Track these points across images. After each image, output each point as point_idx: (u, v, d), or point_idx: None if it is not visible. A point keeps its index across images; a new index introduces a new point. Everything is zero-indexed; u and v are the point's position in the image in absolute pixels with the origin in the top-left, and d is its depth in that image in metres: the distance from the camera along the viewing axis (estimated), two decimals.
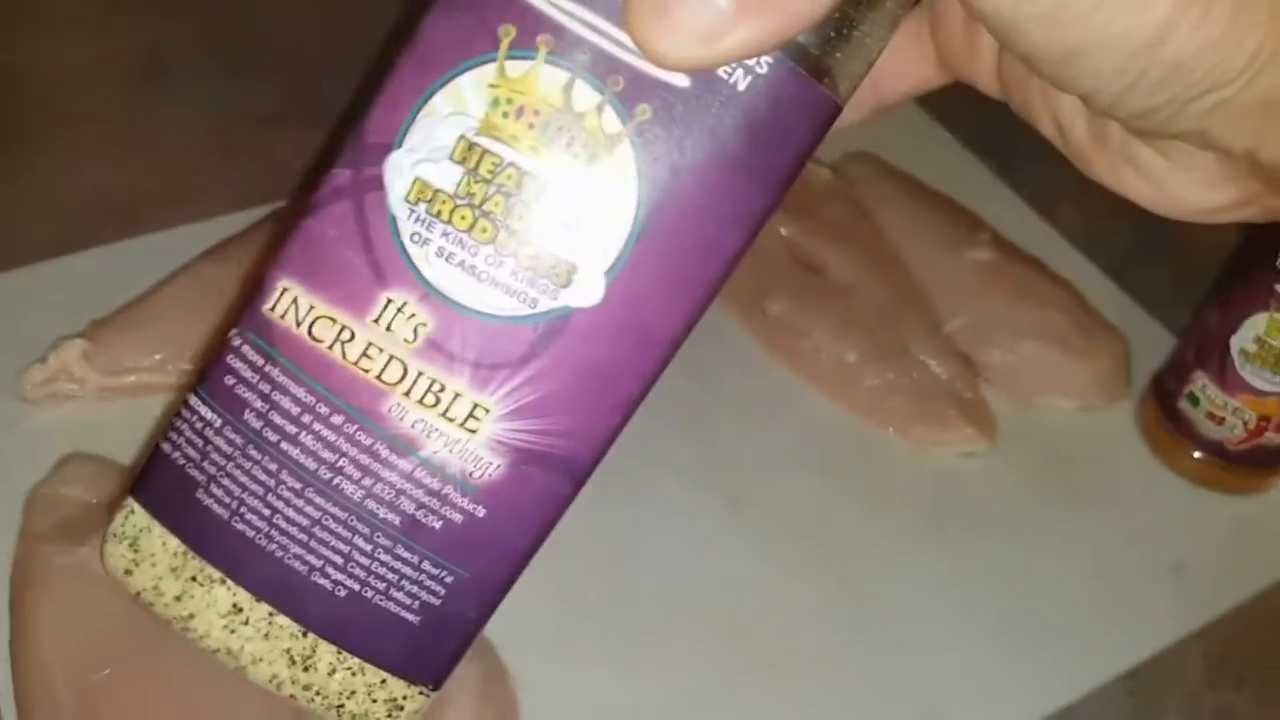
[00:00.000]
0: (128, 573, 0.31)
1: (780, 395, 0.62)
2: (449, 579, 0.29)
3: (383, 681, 0.30)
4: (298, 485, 0.28)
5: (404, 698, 0.30)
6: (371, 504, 0.28)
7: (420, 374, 0.27)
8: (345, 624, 0.29)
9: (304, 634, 0.29)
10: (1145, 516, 0.60)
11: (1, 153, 0.67)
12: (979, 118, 0.81)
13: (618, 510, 0.55)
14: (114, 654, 0.44)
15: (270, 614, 0.29)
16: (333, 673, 0.30)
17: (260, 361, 0.28)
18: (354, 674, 0.30)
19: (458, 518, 0.28)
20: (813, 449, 0.60)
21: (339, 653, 0.30)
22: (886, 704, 0.50)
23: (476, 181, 0.26)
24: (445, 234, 0.27)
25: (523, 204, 0.26)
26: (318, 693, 0.30)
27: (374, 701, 0.30)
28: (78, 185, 0.67)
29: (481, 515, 0.28)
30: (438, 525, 0.28)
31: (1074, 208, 0.76)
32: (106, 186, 0.67)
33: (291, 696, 0.30)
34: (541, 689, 0.48)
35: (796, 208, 0.67)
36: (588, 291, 0.27)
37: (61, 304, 0.58)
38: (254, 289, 0.28)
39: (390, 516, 0.28)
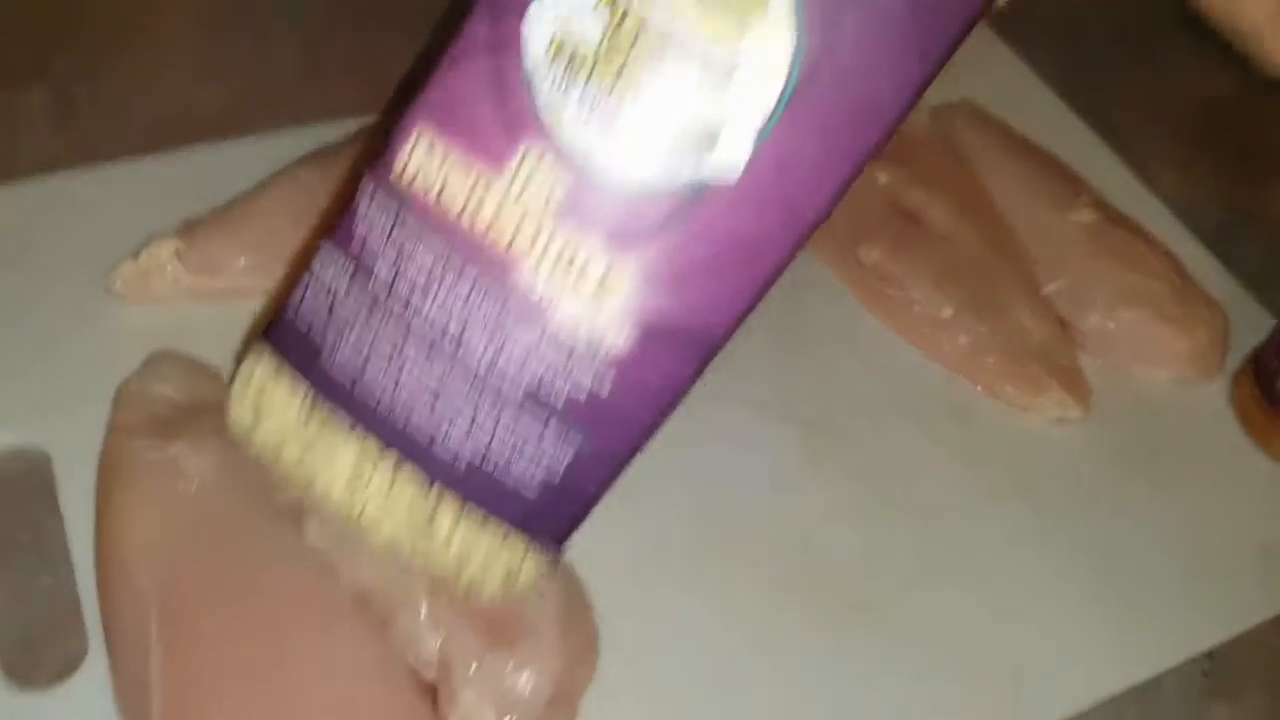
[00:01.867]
0: (251, 430, 0.30)
1: (870, 344, 0.61)
2: (572, 447, 0.28)
3: (503, 543, 0.29)
4: (425, 343, 0.27)
5: (522, 560, 0.30)
6: (499, 367, 0.27)
7: (553, 237, 0.26)
8: (467, 484, 0.29)
9: (426, 493, 0.29)
10: (1235, 495, 0.59)
11: (104, 50, 0.66)
12: (1084, 76, 0.79)
13: (699, 447, 0.55)
14: (203, 551, 0.44)
15: (393, 472, 0.29)
16: (453, 533, 0.29)
17: (391, 215, 0.27)
18: (474, 535, 0.29)
19: (584, 386, 0.27)
20: (900, 400, 0.58)
21: (460, 513, 0.29)
22: (970, 659, 0.50)
23: (618, 37, 0.25)
24: (584, 92, 0.25)
25: (667, 61, 0.25)
26: (436, 554, 0.29)
27: (492, 563, 0.30)
28: (174, 90, 0.66)
29: (608, 385, 0.27)
30: (564, 392, 0.27)
31: (1177, 176, 0.74)
32: (203, 92, 0.66)
33: (409, 559, 0.30)
34: (621, 622, 0.48)
35: (895, 154, 0.66)
36: (733, 158, 0.25)
37: (155, 203, 0.58)
38: (386, 142, 0.27)
39: (517, 380, 0.27)
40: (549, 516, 0.29)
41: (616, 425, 0.28)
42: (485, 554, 0.29)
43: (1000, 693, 0.49)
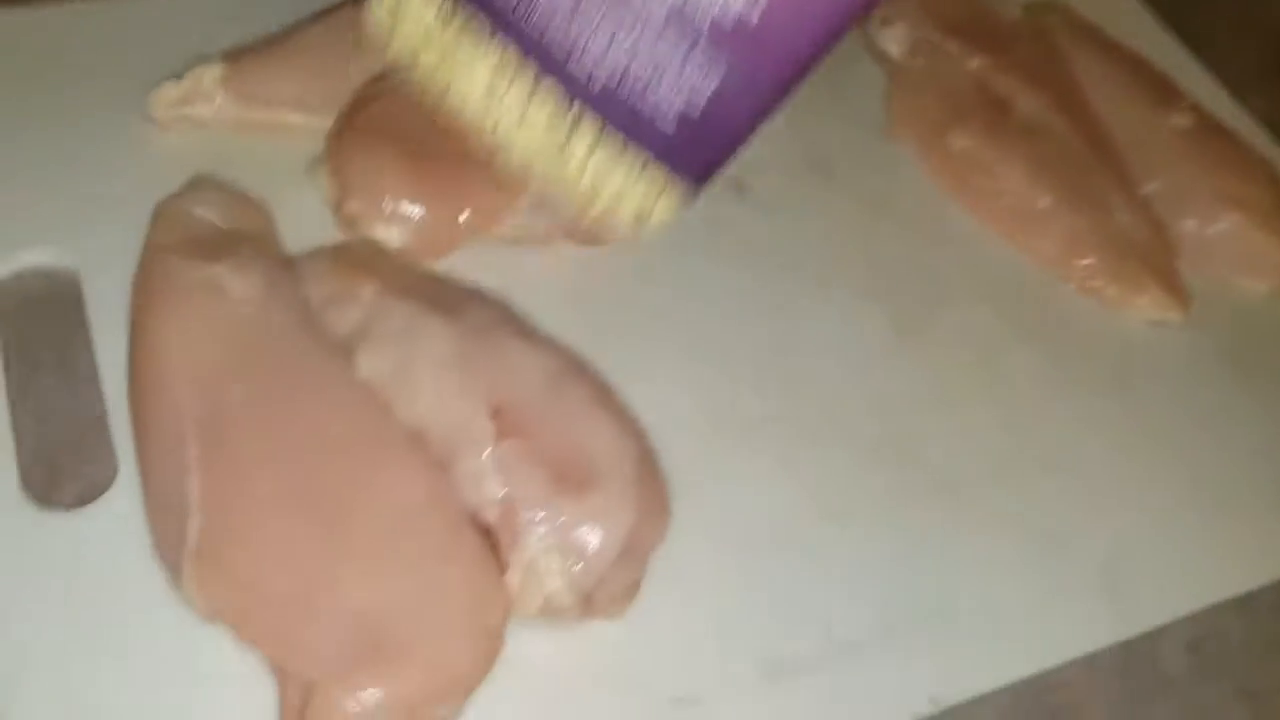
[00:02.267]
0: (387, 37, 0.27)
1: (956, 233, 0.57)
2: (716, 77, 0.25)
3: (639, 175, 0.26)
4: None
5: (657, 197, 0.27)
6: None
7: None
8: (605, 106, 0.25)
9: (563, 112, 0.25)
10: None
11: None
12: None
13: (779, 325, 0.51)
14: (246, 373, 0.40)
15: (531, 86, 0.25)
16: (588, 159, 0.26)
17: None
18: (609, 163, 0.26)
19: (734, 9, 0.24)
20: (988, 290, 0.55)
21: (597, 137, 0.26)
22: (1060, 552, 0.46)
23: None
24: None
25: None
26: (570, 179, 0.26)
27: (626, 195, 0.26)
28: None
29: (759, 10, 0.24)
30: (711, 15, 0.24)
31: (1270, 96, 0.70)
32: None
33: (543, 180, 0.26)
34: (692, 486, 0.44)
35: (985, 42, 0.62)
36: None
37: (201, 28, 0.54)
38: None
39: None
40: (688, 152, 0.26)
41: (766, 55, 0.24)
42: (620, 184, 0.26)
43: (1090, 591, 0.46)
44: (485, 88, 0.26)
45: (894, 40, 0.62)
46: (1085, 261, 0.55)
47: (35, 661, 0.36)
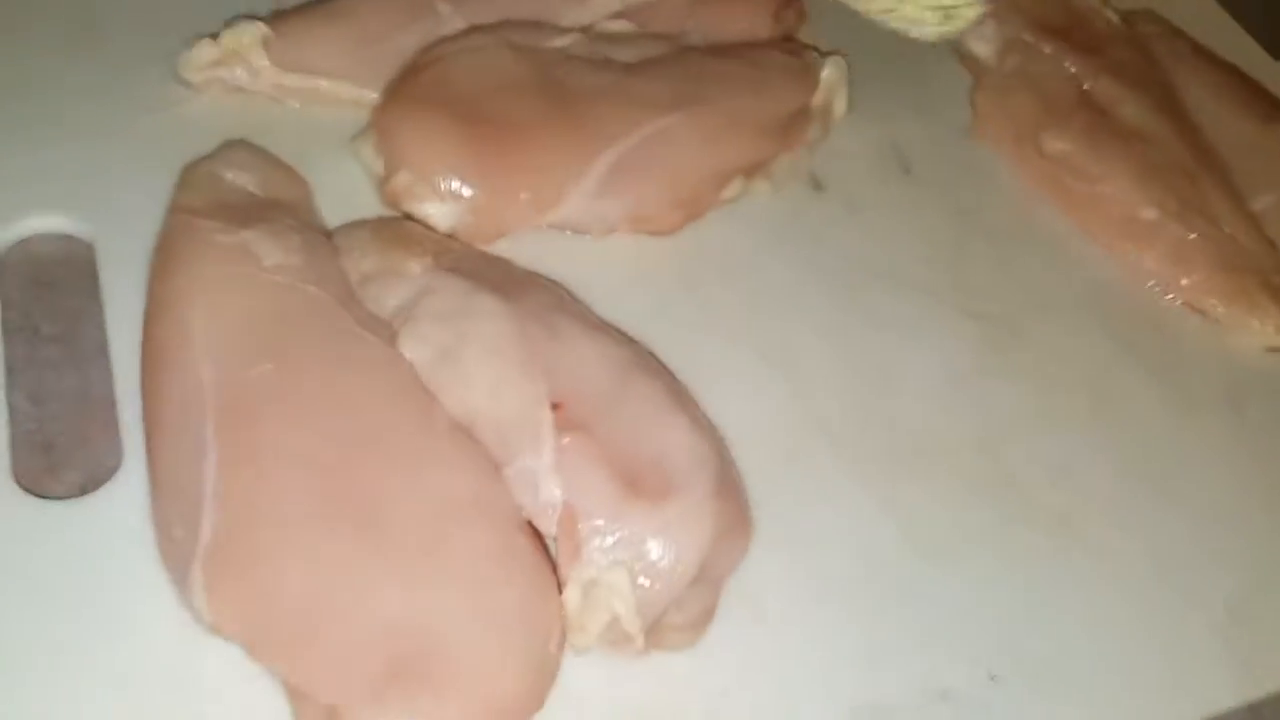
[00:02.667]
0: None
1: (1050, 241, 0.52)
2: None
3: None
4: None
5: None
6: None
7: None
8: None
9: None
10: None
11: None
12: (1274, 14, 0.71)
13: (867, 332, 0.46)
14: (276, 348, 0.35)
15: None
16: None
17: None
18: None
19: None
20: (1088, 303, 0.49)
21: None
22: (1180, 599, 0.41)
23: None
24: None
25: None
26: None
27: None
28: None
29: None
30: None
31: None
32: None
33: None
34: (774, 507, 0.39)
35: (1083, 43, 0.57)
36: None
37: None
38: None
39: None
40: None
41: None
42: None
43: (1213, 644, 0.40)
44: None
45: (983, 39, 0.57)
46: (1194, 278, 0.50)
47: (18, 672, 0.31)
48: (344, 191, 0.45)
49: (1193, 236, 0.50)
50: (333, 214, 0.44)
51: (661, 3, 0.52)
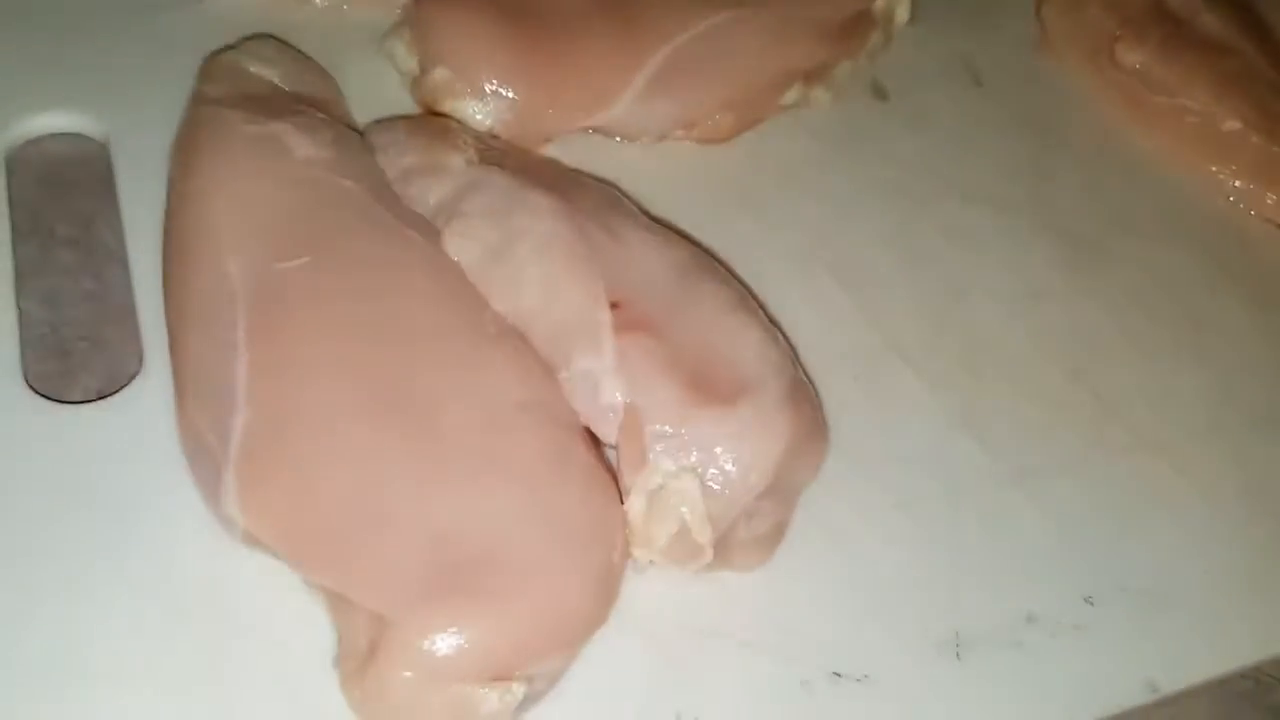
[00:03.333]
0: None
1: (1130, 157, 0.48)
2: None
3: None
4: None
5: None
6: None
7: None
8: None
9: None
10: None
11: None
12: None
13: (935, 251, 0.43)
14: (312, 243, 0.32)
15: None
16: None
17: None
18: None
19: None
20: (1172, 221, 0.46)
21: None
22: (1272, 511, 0.37)
23: None
24: None
25: None
26: None
27: None
28: None
29: None
30: None
31: None
32: None
33: None
34: (846, 425, 0.36)
35: None
36: None
37: None
38: None
39: None
40: None
41: None
42: None
43: None
44: None
45: None
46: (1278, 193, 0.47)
47: (39, 583, 0.29)
48: (373, 93, 0.42)
49: (1276, 149, 0.47)
50: (362, 116, 0.41)
51: None
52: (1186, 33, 0.51)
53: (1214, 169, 0.48)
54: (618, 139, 0.43)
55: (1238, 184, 0.48)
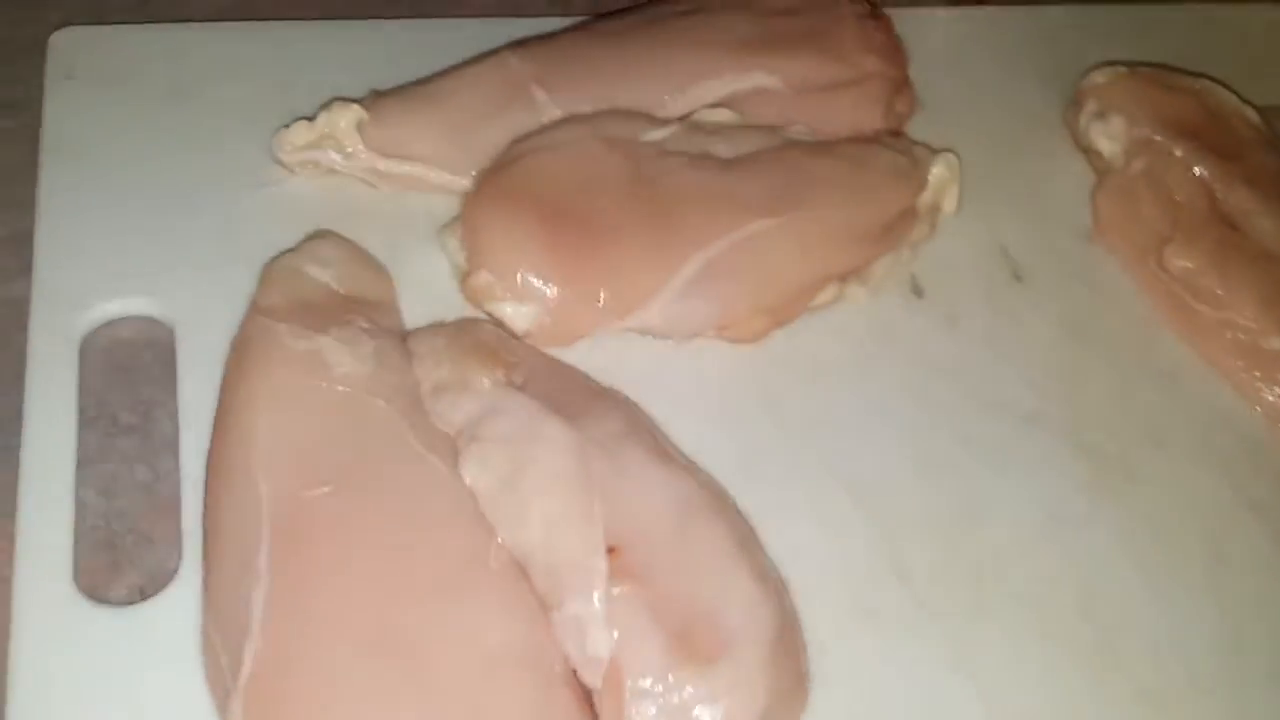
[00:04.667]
0: None
1: (1171, 367, 0.48)
2: None
3: None
4: None
5: None
6: None
7: None
8: None
9: None
10: None
11: None
12: None
13: (958, 460, 0.43)
14: (338, 466, 0.35)
15: None
16: None
17: None
18: None
19: None
20: (1206, 442, 0.46)
21: None
22: None
23: None
24: None
25: None
26: None
27: None
28: None
29: None
30: None
31: None
32: None
33: None
34: (838, 661, 0.37)
35: (1219, 147, 0.53)
36: None
37: (342, 71, 0.49)
38: None
39: None
40: None
41: None
42: None
43: None
44: None
45: (1109, 135, 0.54)
46: None
47: None
48: (430, 283, 0.44)
49: None
50: (418, 306, 0.44)
51: (765, 91, 0.50)
52: (1240, 239, 0.50)
53: (1256, 386, 0.47)
54: (650, 336, 0.44)
55: (1276, 407, 0.47)
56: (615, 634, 0.33)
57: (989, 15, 0.63)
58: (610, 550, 0.34)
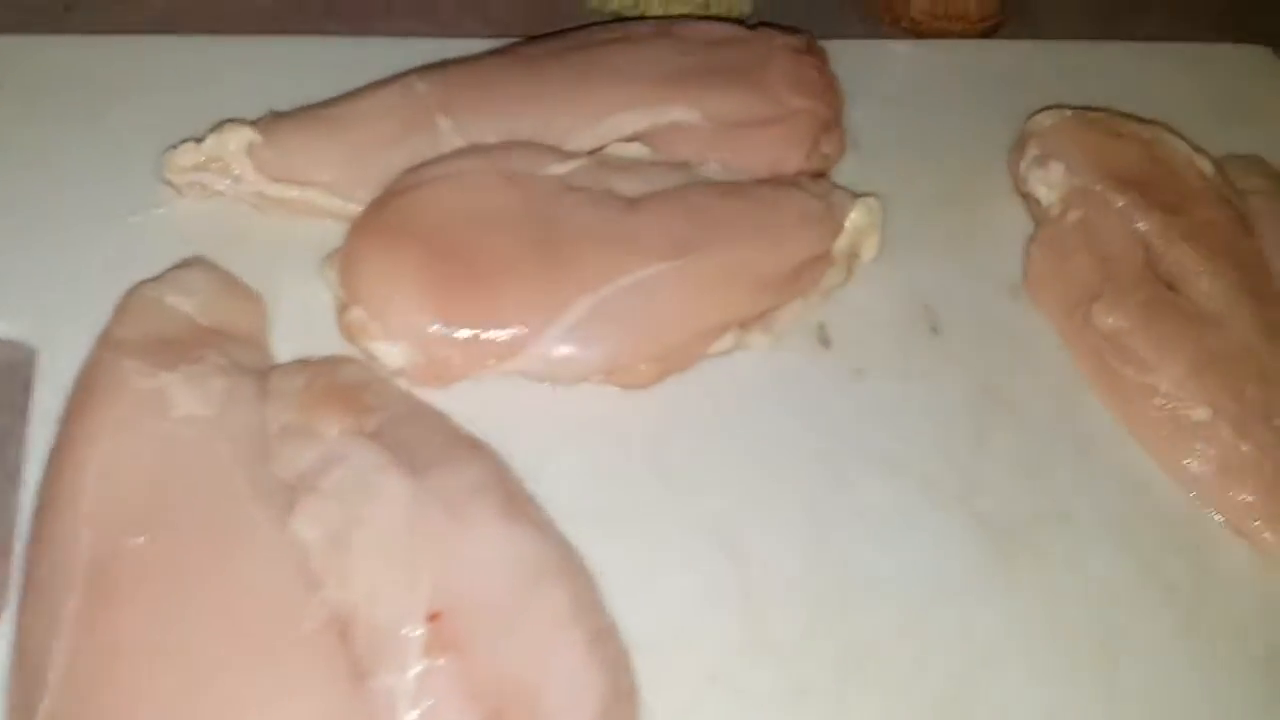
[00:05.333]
0: None
1: (1090, 432, 0.46)
2: None
3: None
4: None
5: None
6: None
7: None
8: None
9: None
10: None
11: None
12: None
13: (848, 529, 0.41)
14: (163, 512, 0.34)
15: None
16: None
17: None
18: None
19: None
20: (1117, 516, 0.43)
21: None
22: None
23: None
24: None
25: None
26: None
27: None
28: None
29: None
30: None
31: None
32: None
33: None
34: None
35: (1163, 200, 0.50)
36: None
37: (247, 82, 0.48)
38: None
39: None
40: None
41: None
42: None
43: None
44: None
45: (1047, 183, 0.51)
46: (1243, 497, 0.44)
47: None
48: (311, 316, 0.43)
49: (1246, 448, 0.44)
50: (295, 340, 0.42)
51: (684, 126, 0.49)
52: (1174, 300, 0.48)
53: (1175, 458, 0.45)
54: (531, 382, 0.43)
55: (1198, 478, 0.45)
56: (424, 710, 0.31)
57: (942, 50, 0.61)
58: (433, 617, 0.32)
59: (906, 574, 0.40)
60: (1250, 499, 0.44)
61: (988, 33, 0.63)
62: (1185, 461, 0.45)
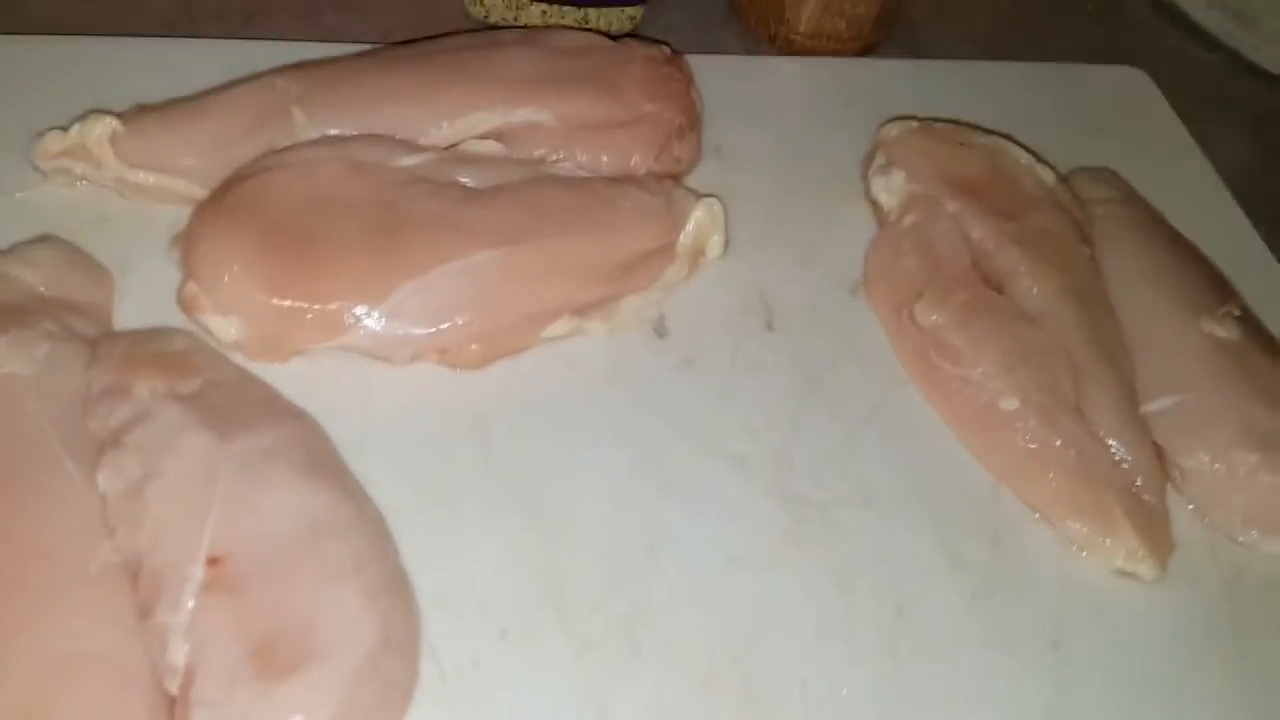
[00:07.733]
0: None
1: (906, 423, 0.48)
2: None
3: None
4: None
5: None
6: None
7: None
8: None
9: None
10: None
11: None
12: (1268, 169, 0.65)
13: (649, 502, 0.43)
14: None
15: None
16: None
17: None
18: None
19: None
20: (925, 498, 0.45)
21: None
22: None
23: None
24: None
25: None
26: None
27: None
28: None
29: None
30: None
31: None
32: None
33: None
34: (482, 684, 0.37)
35: (997, 206, 0.53)
36: None
37: (111, 83, 0.51)
38: None
39: None
40: None
41: None
42: None
43: None
44: None
45: (888, 189, 0.54)
46: (1044, 483, 0.46)
47: None
48: (157, 290, 0.45)
49: (1053, 437, 0.46)
50: (140, 314, 0.44)
51: (537, 126, 0.51)
52: (993, 300, 0.50)
53: (983, 446, 0.47)
54: (365, 358, 0.45)
55: (1006, 466, 0.47)
56: (194, 644, 0.33)
57: (813, 67, 0.63)
58: (214, 561, 0.34)
59: (706, 542, 0.42)
60: (1051, 486, 0.46)
61: (862, 53, 0.66)
62: (993, 449, 0.47)
